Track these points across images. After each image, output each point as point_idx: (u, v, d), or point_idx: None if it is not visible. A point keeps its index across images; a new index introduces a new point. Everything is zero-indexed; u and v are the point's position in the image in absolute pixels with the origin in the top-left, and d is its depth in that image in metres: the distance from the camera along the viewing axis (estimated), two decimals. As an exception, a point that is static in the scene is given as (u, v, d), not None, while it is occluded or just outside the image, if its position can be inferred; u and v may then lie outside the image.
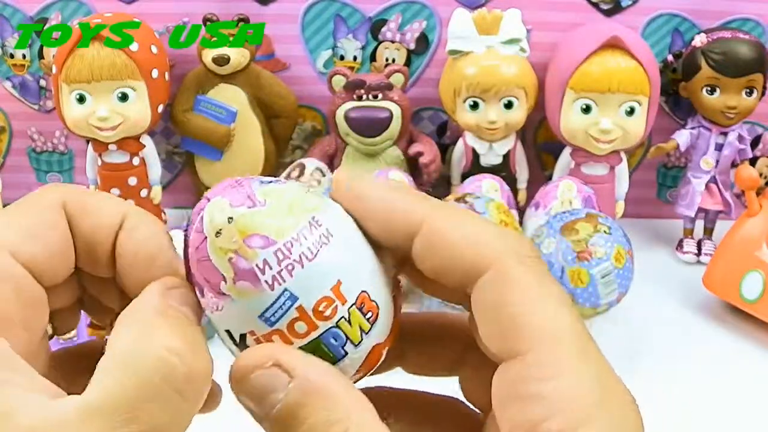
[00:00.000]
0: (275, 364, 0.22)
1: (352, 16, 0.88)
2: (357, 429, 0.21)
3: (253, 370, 0.22)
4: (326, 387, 0.22)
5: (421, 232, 0.23)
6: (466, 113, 0.81)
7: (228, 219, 0.22)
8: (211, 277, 0.22)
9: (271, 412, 0.21)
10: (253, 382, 0.22)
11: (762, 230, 0.74)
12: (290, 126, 0.89)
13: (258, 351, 0.22)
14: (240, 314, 0.22)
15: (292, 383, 0.21)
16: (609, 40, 0.77)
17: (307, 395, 0.21)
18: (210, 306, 0.23)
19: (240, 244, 0.22)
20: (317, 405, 0.21)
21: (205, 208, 0.23)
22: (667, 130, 0.88)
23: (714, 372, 0.68)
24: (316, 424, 0.21)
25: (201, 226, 0.23)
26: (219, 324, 0.23)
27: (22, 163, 0.94)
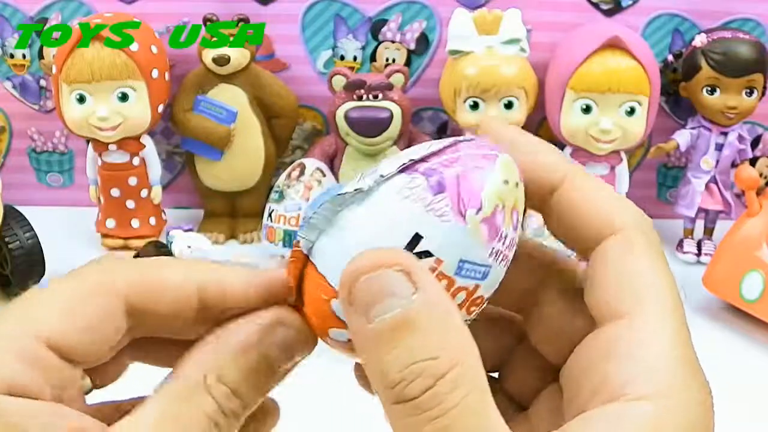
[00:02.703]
0: (405, 271, 0.20)
1: (352, 16, 0.88)
2: (467, 366, 0.20)
3: (377, 268, 0.20)
4: (449, 313, 0.20)
5: (563, 187, 0.24)
6: (466, 113, 0.81)
7: (516, 183, 0.23)
8: (468, 196, 0.22)
9: (380, 318, 0.20)
10: (373, 280, 0.20)
11: (762, 230, 0.74)
12: (290, 126, 0.89)
13: (387, 253, 0.21)
14: (450, 244, 0.21)
15: (417, 294, 0.20)
16: (609, 40, 0.77)
17: (429, 310, 0.20)
18: None
19: (512, 205, 0.22)
20: (435, 324, 0.20)
21: (504, 158, 0.22)
22: (667, 130, 0.88)
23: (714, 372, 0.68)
24: (427, 345, 0.20)
25: (486, 164, 0.22)
26: None
27: (22, 163, 0.94)
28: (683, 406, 0.21)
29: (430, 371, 0.19)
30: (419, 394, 0.19)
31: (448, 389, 0.19)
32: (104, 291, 0.23)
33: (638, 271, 0.23)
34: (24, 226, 0.73)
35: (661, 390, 0.21)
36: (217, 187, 0.88)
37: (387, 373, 0.20)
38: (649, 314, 0.22)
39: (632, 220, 0.24)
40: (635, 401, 0.21)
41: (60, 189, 0.95)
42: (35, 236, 0.73)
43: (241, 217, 0.89)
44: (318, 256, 0.23)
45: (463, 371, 0.20)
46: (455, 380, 0.20)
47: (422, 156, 0.22)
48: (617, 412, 0.21)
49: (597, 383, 0.22)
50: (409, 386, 0.20)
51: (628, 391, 0.21)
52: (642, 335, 0.22)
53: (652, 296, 0.22)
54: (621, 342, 0.22)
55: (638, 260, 0.23)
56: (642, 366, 0.21)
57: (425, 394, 0.19)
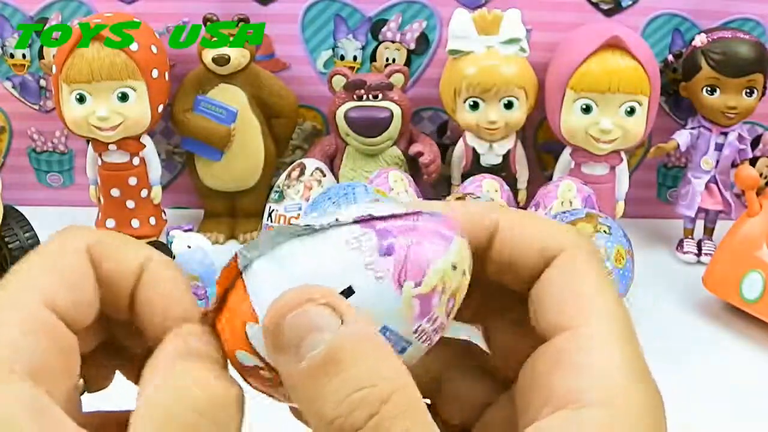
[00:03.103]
0: (329, 305, 0.20)
1: (352, 16, 0.88)
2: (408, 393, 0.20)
3: (302, 304, 0.20)
4: (379, 342, 0.20)
5: (499, 228, 0.25)
6: (466, 113, 0.81)
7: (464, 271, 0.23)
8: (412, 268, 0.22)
9: (310, 354, 0.20)
10: (299, 316, 0.20)
11: (762, 230, 0.74)
12: (290, 126, 0.89)
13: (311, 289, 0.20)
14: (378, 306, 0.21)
15: (344, 327, 0.20)
16: (609, 40, 0.77)
17: (359, 341, 0.20)
18: None
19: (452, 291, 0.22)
20: (369, 354, 0.20)
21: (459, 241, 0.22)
22: (667, 130, 0.88)
23: (714, 372, 0.68)
24: (365, 374, 0.19)
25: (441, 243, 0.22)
26: None
27: (22, 163, 0.94)
28: (633, 411, 0.21)
29: (371, 398, 0.19)
30: (363, 424, 0.19)
31: (393, 414, 0.19)
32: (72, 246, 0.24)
33: (580, 285, 0.23)
34: (24, 226, 0.73)
35: (609, 396, 0.21)
36: (217, 187, 0.88)
37: (324, 409, 0.19)
38: (593, 324, 0.22)
39: (568, 240, 0.24)
40: (584, 408, 0.21)
41: (60, 189, 0.95)
42: (35, 236, 0.73)
43: (241, 217, 0.89)
44: (251, 276, 0.22)
45: (405, 397, 0.20)
46: (398, 405, 0.19)
47: (382, 215, 0.22)
48: (567, 419, 0.21)
49: (545, 395, 0.22)
50: (350, 418, 0.19)
51: (577, 398, 0.21)
52: (587, 344, 0.22)
53: (594, 307, 0.23)
54: (566, 352, 0.22)
55: (579, 275, 0.23)
56: (588, 374, 0.21)
57: (371, 421, 0.19)
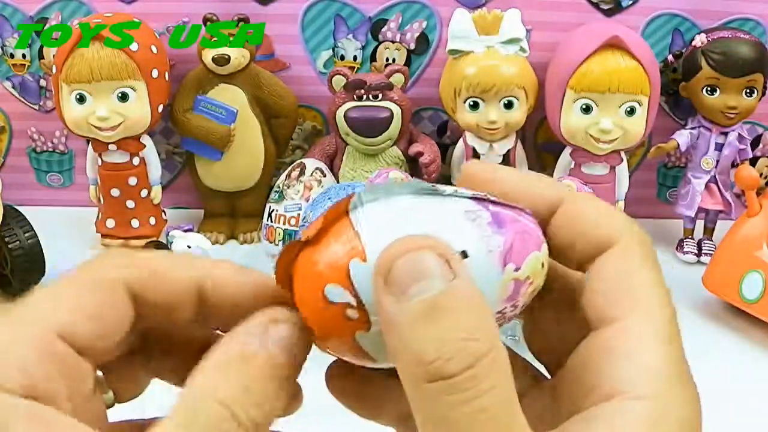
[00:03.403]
0: (445, 258, 0.20)
1: (352, 16, 0.88)
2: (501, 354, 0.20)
3: (419, 249, 0.20)
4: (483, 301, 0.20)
5: (563, 205, 0.25)
6: (466, 113, 0.81)
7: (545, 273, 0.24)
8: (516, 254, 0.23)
9: (420, 297, 0.20)
10: (414, 260, 0.20)
11: (762, 230, 0.74)
12: (290, 126, 0.89)
13: (429, 239, 0.20)
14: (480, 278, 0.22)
15: (456, 280, 0.20)
16: (609, 40, 0.77)
17: (469, 296, 0.20)
18: None
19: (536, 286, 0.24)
20: (474, 309, 0.20)
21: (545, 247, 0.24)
22: (667, 130, 0.88)
23: (714, 372, 0.68)
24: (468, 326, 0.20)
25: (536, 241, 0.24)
26: None
27: (22, 163, 0.94)
28: (679, 405, 0.21)
29: (470, 350, 0.19)
30: (458, 373, 0.19)
31: (486, 371, 0.19)
32: (106, 278, 0.23)
33: (633, 278, 0.23)
34: (24, 226, 0.73)
35: (657, 389, 0.21)
36: (217, 187, 0.88)
37: (423, 350, 0.19)
38: (644, 318, 0.23)
39: (628, 231, 0.24)
40: (632, 400, 0.21)
41: (60, 189, 0.95)
42: (35, 236, 0.73)
43: (241, 217, 0.89)
44: (364, 216, 0.22)
45: (498, 356, 0.20)
46: (492, 364, 0.20)
47: (495, 200, 0.23)
48: (615, 409, 0.21)
49: (592, 384, 0.22)
50: (448, 364, 0.19)
51: (625, 390, 0.21)
52: (637, 338, 0.22)
53: (647, 301, 0.23)
54: (616, 344, 0.22)
55: (633, 268, 0.24)
56: (637, 367, 0.22)
57: (464, 373, 0.19)
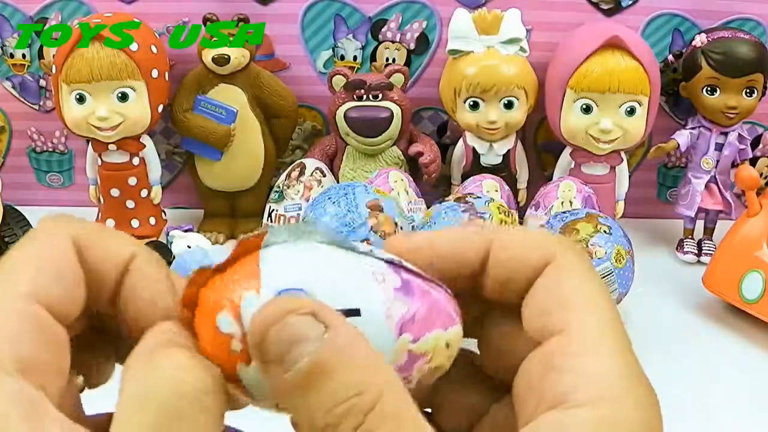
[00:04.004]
0: (312, 313, 0.20)
1: (352, 16, 0.88)
2: (393, 399, 0.20)
3: (286, 315, 0.20)
4: (363, 346, 0.20)
5: (493, 248, 0.25)
6: (466, 113, 0.81)
7: (450, 356, 0.23)
8: (417, 326, 0.23)
9: (295, 366, 0.20)
10: (283, 329, 0.20)
11: (762, 230, 0.74)
12: (290, 126, 0.89)
13: (291, 299, 0.21)
14: (372, 340, 0.22)
15: (328, 334, 0.20)
16: (609, 40, 0.77)
17: (344, 349, 0.20)
18: None
19: (434, 366, 0.23)
20: (352, 362, 0.20)
21: (457, 329, 0.24)
22: (667, 130, 0.88)
23: (714, 372, 0.68)
24: (349, 383, 0.20)
25: (446, 320, 0.23)
26: None
27: (22, 163, 0.94)
28: (626, 410, 0.21)
29: (356, 409, 0.19)
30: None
31: (380, 419, 0.19)
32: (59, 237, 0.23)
33: (568, 289, 0.23)
34: (24, 226, 0.73)
35: (601, 396, 0.21)
36: (217, 187, 0.88)
37: (313, 420, 0.20)
38: (584, 327, 0.22)
39: (560, 246, 0.24)
40: (576, 408, 0.21)
41: (60, 189, 0.95)
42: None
43: (241, 217, 0.89)
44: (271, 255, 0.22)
45: (390, 401, 0.20)
46: (384, 411, 0.19)
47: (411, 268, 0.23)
48: (556, 419, 0.21)
49: (538, 398, 0.22)
50: (339, 427, 0.19)
51: (566, 399, 0.21)
52: (578, 347, 0.22)
53: (584, 309, 0.23)
54: (556, 356, 0.22)
55: (569, 280, 0.24)
56: (580, 375, 0.21)
57: (358, 430, 0.19)
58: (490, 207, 0.70)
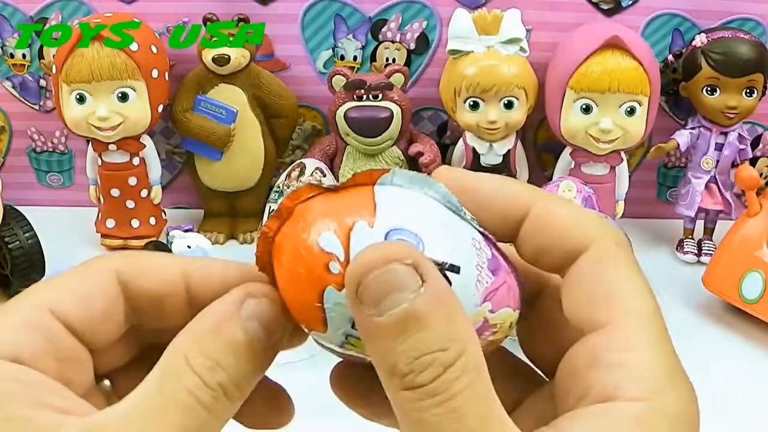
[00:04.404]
0: (413, 264, 0.21)
1: (352, 16, 0.88)
2: (472, 355, 0.21)
3: (388, 262, 0.21)
4: (454, 303, 0.21)
5: (531, 213, 0.25)
6: (466, 113, 0.81)
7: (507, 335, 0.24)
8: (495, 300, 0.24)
9: (391, 312, 0.20)
10: (384, 274, 0.20)
11: (762, 230, 0.74)
12: (290, 126, 0.89)
13: (395, 247, 0.21)
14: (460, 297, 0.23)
15: (425, 287, 0.21)
16: (609, 40, 0.77)
17: (437, 303, 0.21)
18: None
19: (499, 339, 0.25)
20: (442, 317, 0.21)
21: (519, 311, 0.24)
22: (667, 130, 0.88)
23: (714, 372, 0.68)
24: (437, 336, 0.20)
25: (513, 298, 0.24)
26: None
27: (22, 163, 0.94)
28: (673, 405, 0.21)
29: (439, 361, 0.20)
30: (429, 382, 0.20)
31: (455, 376, 0.20)
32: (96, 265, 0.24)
33: (612, 280, 0.23)
34: (24, 226, 0.73)
35: (646, 392, 0.21)
36: (217, 187, 0.88)
37: (396, 364, 0.21)
38: (628, 321, 0.23)
39: (602, 232, 0.24)
40: (626, 402, 0.21)
41: (60, 189, 0.95)
42: (35, 236, 0.73)
43: (241, 217, 0.89)
44: (387, 193, 0.23)
45: (468, 360, 0.21)
46: (462, 368, 0.20)
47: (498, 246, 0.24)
48: (605, 410, 0.21)
49: (583, 391, 0.22)
50: (420, 375, 0.20)
51: (615, 394, 0.21)
52: (622, 342, 0.22)
53: (628, 303, 0.23)
54: (603, 351, 0.22)
55: (612, 269, 0.23)
56: (626, 372, 0.22)
57: (435, 381, 0.20)
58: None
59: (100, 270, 0.24)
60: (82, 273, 0.24)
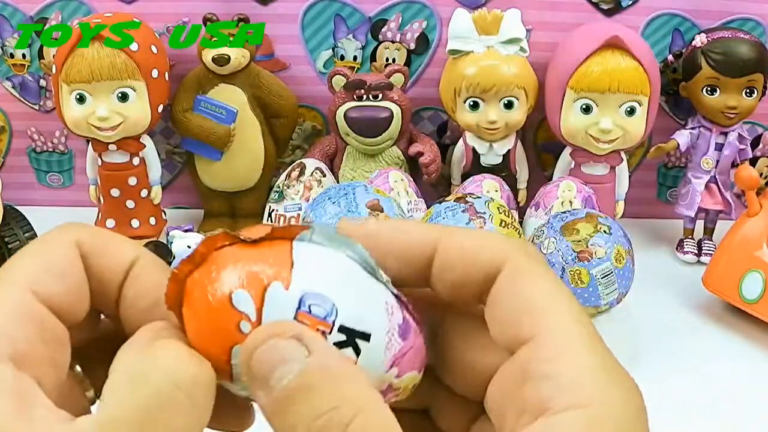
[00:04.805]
0: (296, 337, 0.21)
1: (352, 16, 0.88)
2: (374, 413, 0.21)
3: (272, 337, 0.21)
4: (344, 368, 0.21)
5: (438, 251, 0.24)
6: (466, 113, 0.81)
7: (408, 398, 0.24)
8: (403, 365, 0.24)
9: (279, 385, 0.21)
10: (269, 349, 0.21)
11: (762, 230, 0.74)
12: (290, 126, 0.89)
13: (280, 323, 0.22)
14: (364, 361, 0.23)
15: (310, 358, 0.21)
16: (609, 40, 0.77)
17: (325, 370, 0.21)
18: None
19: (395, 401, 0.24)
20: (331, 381, 0.21)
21: None
22: (667, 130, 0.88)
23: (714, 372, 0.68)
24: (326, 399, 0.20)
25: None
26: None
27: (22, 163, 0.94)
28: (608, 409, 0.21)
29: (334, 421, 0.20)
30: None
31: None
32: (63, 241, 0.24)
33: (531, 293, 0.23)
34: (24, 226, 0.73)
35: (582, 398, 0.21)
36: (217, 187, 0.88)
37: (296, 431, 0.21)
38: (553, 330, 0.22)
39: (511, 249, 0.24)
40: (561, 413, 0.21)
41: (60, 189, 0.95)
42: (35, 236, 0.73)
43: (241, 217, 0.89)
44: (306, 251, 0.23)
45: (368, 417, 0.20)
46: (362, 426, 0.20)
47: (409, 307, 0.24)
48: (545, 426, 0.21)
49: (519, 408, 0.22)
50: None
51: (550, 406, 0.21)
52: (550, 352, 0.22)
53: (550, 312, 0.23)
54: (532, 364, 0.22)
55: (528, 283, 0.23)
56: (558, 381, 0.21)
57: None
58: (490, 207, 0.70)
59: (64, 243, 0.24)
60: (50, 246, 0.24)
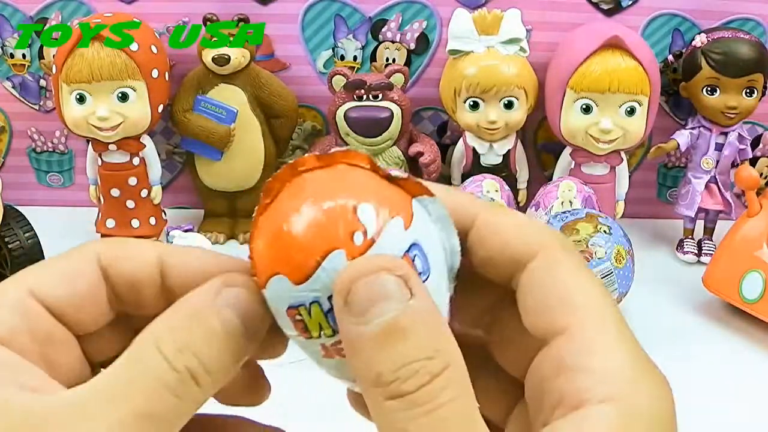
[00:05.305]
0: (404, 277, 0.21)
1: (352, 16, 0.88)
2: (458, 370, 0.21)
3: (382, 269, 0.21)
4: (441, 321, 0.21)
5: (475, 224, 0.24)
6: (466, 113, 0.81)
7: None
8: None
9: (376, 320, 0.20)
10: (372, 283, 0.21)
11: (762, 230, 0.74)
12: (290, 126, 0.89)
13: (393, 259, 0.21)
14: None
15: (413, 300, 0.21)
16: (609, 40, 0.77)
17: (424, 316, 0.21)
18: None
19: None
20: (428, 329, 0.21)
21: None
22: (668, 130, 0.88)
23: (714, 372, 0.68)
24: (422, 346, 0.20)
25: None
26: None
27: (22, 163, 0.94)
28: (642, 403, 0.21)
29: (425, 370, 0.20)
30: (415, 390, 0.20)
31: (441, 386, 0.20)
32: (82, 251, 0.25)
33: (564, 284, 0.23)
34: (24, 226, 0.73)
35: (616, 392, 0.21)
36: (217, 187, 0.88)
37: (381, 372, 0.20)
38: (586, 323, 0.22)
39: (548, 239, 0.24)
40: (597, 405, 0.21)
41: (60, 189, 0.95)
42: (35, 236, 0.73)
43: (241, 217, 0.89)
44: (419, 208, 0.23)
45: (455, 374, 0.21)
46: (448, 380, 0.20)
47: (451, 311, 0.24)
48: (582, 417, 0.21)
49: (555, 399, 0.22)
50: (405, 383, 0.20)
51: (586, 398, 0.21)
52: (584, 346, 0.22)
53: (584, 305, 0.23)
54: (567, 356, 0.22)
55: (562, 274, 0.23)
56: (592, 374, 0.22)
57: (420, 390, 0.20)
58: (490, 207, 0.70)
59: (83, 254, 0.24)
60: (67, 257, 0.24)
